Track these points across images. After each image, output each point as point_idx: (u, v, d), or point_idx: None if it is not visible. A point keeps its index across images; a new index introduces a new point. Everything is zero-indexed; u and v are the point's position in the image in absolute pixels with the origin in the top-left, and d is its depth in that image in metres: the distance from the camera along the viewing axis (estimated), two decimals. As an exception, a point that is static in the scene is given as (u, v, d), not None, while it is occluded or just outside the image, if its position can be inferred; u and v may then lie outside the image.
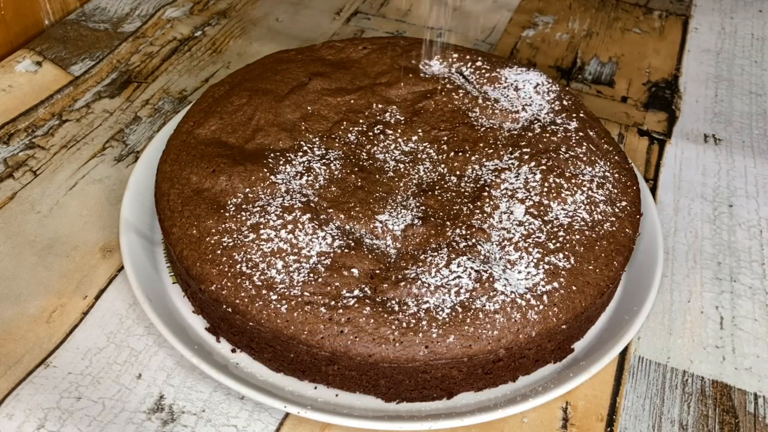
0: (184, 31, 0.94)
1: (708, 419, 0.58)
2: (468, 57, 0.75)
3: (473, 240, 0.58)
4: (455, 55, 0.75)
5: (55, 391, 0.57)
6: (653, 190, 0.77)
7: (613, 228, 0.61)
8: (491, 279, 0.56)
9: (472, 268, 0.56)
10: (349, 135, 0.67)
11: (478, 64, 0.74)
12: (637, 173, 0.71)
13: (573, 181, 0.63)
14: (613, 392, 0.60)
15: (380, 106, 0.70)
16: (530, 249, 0.58)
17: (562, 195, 0.62)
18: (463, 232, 0.59)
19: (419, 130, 0.68)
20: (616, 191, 0.64)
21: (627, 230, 0.62)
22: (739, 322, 0.65)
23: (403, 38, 0.79)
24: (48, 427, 0.55)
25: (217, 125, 0.67)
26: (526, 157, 0.65)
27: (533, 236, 0.59)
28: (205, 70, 0.89)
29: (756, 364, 0.62)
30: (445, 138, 0.67)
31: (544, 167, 0.63)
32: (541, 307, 0.56)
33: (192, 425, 0.56)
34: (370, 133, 0.67)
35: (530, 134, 0.67)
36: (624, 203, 0.64)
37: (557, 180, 0.63)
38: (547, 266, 0.57)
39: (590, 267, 0.59)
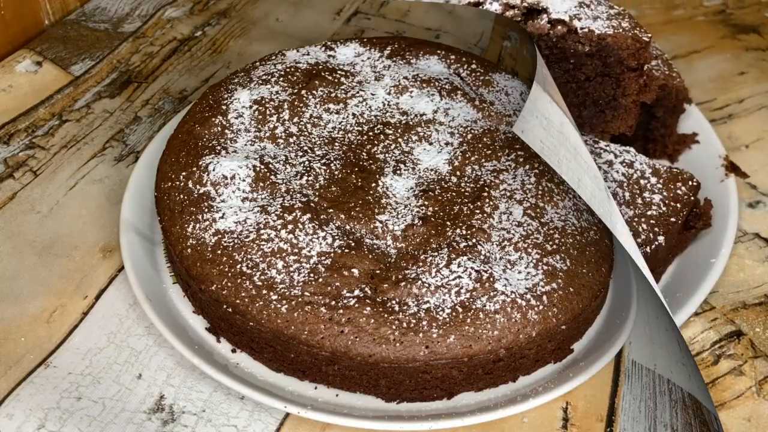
0: (184, 31, 0.94)
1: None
2: (464, 59, 0.75)
3: (473, 240, 0.58)
4: (452, 57, 0.75)
5: (55, 391, 0.57)
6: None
7: (597, 236, 0.62)
8: (491, 279, 0.56)
9: (472, 268, 0.56)
10: (349, 135, 0.67)
11: (473, 66, 0.74)
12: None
13: (561, 187, 0.63)
14: (612, 393, 0.60)
15: (380, 105, 0.70)
16: (529, 249, 0.58)
17: (554, 199, 0.62)
18: (464, 232, 0.59)
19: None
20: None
21: (606, 241, 0.62)
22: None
23: (403, 38, 0.79)
24: (48, 427, 0.55)
25: (218, 125, 0.67)
26: (521, 159, 0.65)
27: (532, 237, 0.59)
28: (205, 70, 0.89)
29: (756, 364, 0.63)
30: (445, 138, 0.67)
31: (537, 171, 0.64)
32: (540, 307, 0.56)
33: (192, 425, 0.56)
34: (371, 133, 0.67)
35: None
36: None
37: (548, 184, 0.63)
38: (545, 267, 0.58)
39: (584, 270, 0.59)
